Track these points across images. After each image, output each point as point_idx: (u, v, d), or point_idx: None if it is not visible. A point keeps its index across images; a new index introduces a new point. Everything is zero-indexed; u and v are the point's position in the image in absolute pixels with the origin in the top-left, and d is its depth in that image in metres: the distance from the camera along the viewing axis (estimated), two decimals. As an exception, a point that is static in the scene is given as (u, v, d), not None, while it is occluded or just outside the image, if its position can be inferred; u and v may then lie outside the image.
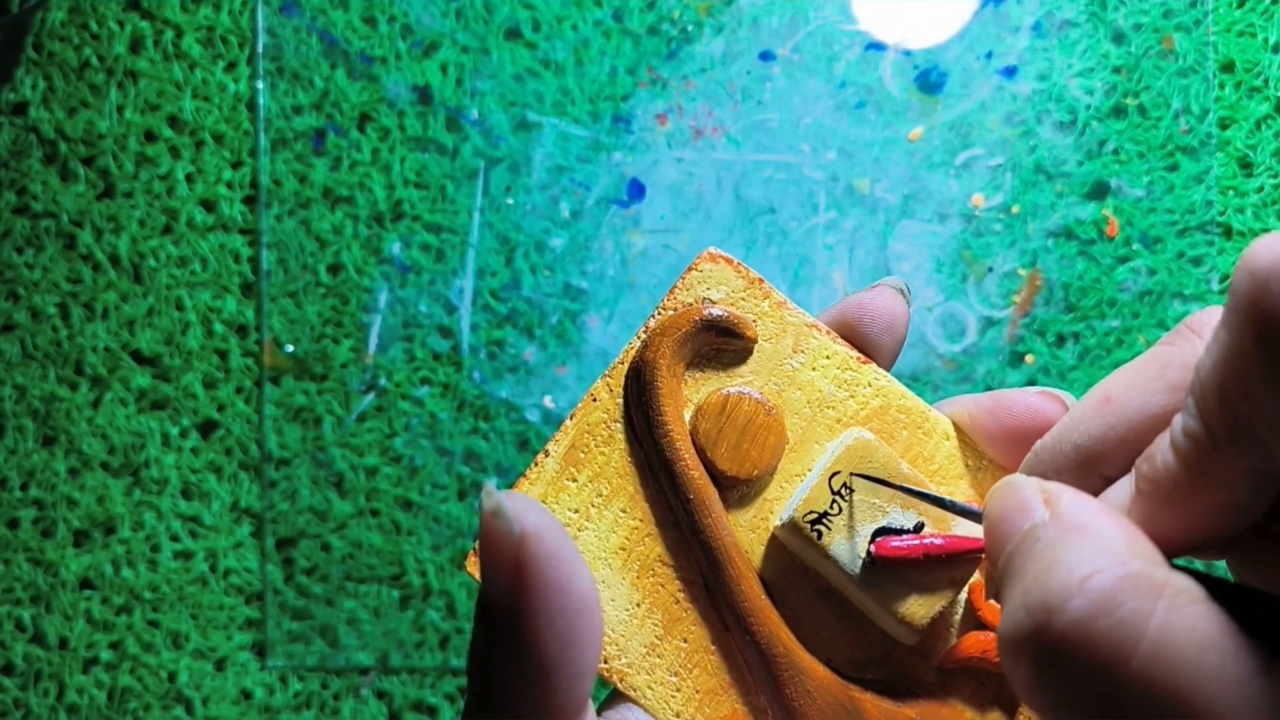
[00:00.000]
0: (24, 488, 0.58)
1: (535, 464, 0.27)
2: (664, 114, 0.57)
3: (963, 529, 0.26)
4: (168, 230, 0.58)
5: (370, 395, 0.57)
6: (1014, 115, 0.57)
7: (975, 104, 0.57)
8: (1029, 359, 0.56)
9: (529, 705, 0.21)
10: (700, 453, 0.26)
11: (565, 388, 0.57)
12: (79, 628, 0.57)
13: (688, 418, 0.27)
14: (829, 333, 0.27)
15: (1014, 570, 0.19)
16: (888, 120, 0.57)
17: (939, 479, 0.27)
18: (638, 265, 0.57)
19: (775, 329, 0.27)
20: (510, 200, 0.57)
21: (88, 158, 0.58)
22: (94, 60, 0.59)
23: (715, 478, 0.26)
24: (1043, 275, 0.56)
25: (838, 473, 0.26)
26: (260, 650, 0.57)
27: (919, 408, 0.27)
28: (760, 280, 0.27)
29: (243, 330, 0.58)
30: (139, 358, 0.58)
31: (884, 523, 0.26)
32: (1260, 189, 0.56)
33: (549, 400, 0.57)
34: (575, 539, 0.26)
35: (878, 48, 0.57)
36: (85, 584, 0.58)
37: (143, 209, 0.58)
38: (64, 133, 0.58)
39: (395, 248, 0.57)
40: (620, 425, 0.27)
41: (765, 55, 0.57)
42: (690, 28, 0.57)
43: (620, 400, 0.27)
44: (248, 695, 0.57)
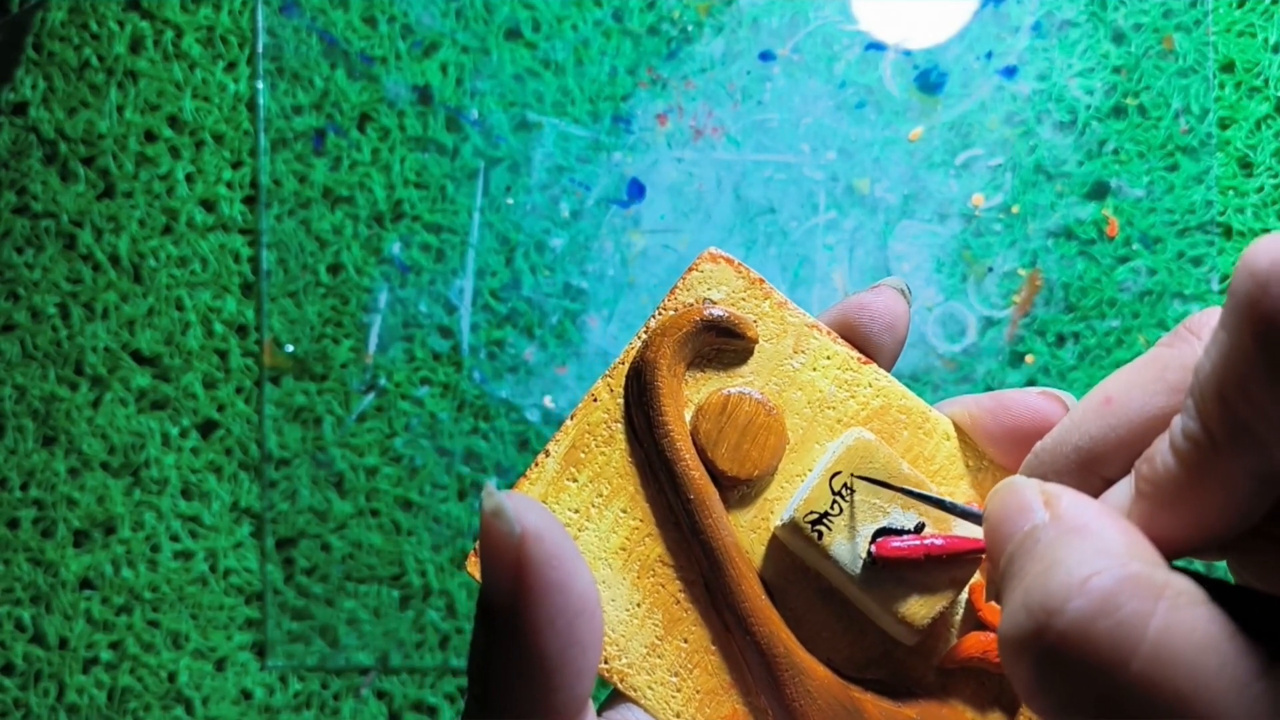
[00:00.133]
0: (24, 488, 0.58)
1: (536, 464, 0.27)
2: (664, 114, 0.57)
3: (963, 529, 0.26)
4: (168, 230, 0.58)
5: (370, 395, 0.57)
6: (1014, 115, 0.57)
7: (975, 104, 0.57)
8: (1029, 359, 0.56)
9: (529, 705, 0.21)
10: (701, 453, 0.26)
11: (565, 388, 0.57)
12: (79, 628, 0.57)
13: (688, 418, 0.27)
14: (830, 333, 0.27)
15: (1014, 571, 0.19)
16: (888, 120, 0.57)
17: (939, 479, 0.27)
18: (638, 265, 0.57)
19: (776, 329, 0.27)
20: (510, 200, 0.57)
21: (88, 158, 0.58)
22: (94, 60, 0.58)
23: (716, 478, 0.26)
24: (1043, 275, 0.56)
25: (838, 473, 0.26)
26: (260, 650, 0.57)
27: (919, 408, 0.27)
28: (761, 280, 0.27)
29: (243, 330, 0.58)
30: (139, 358, 0.58)
31: (885, 523, 0.26)
32: (1260, 189, 0.56)
33: (549, 400, 0.57)
34: (576, 539, 0.26)
35: (878, 48, 0.57)
36: (85, 584, 0.58)
37: (143, 209, 0.58)
38: (64, 133, 0.58)
39: (395, 248, 0.57)
40: (621, 425, 0.27)
41: (765, 55, 0.57)
42: (690, 28, 0.57)
43: (621, 400, 0.27)
44: (248, 695, 0.57)
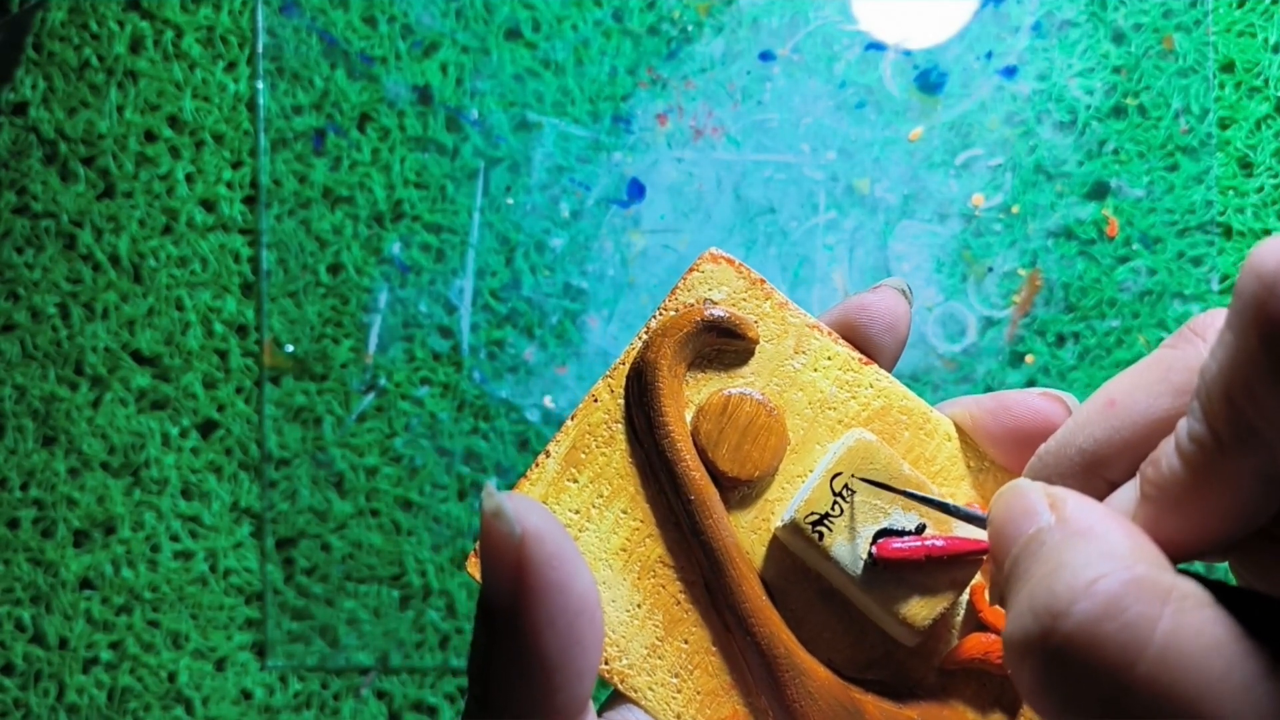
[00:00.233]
0: (24, 488, 0.58)
1: (536, 464, 0.27)
2: (664, 114, 0.57)
3: (964, 530, 0.26)
4: (168, 230, 0.58)
5: (370, 395, 0.57)
6: (1014, 115, 0.57)
7: (975, 104, 0.57)
8: (1029, 359, 0.56)
9: (529, 706, 0.21)
10: (701, 454, 0.26)
11: (565, 388, 0.57)
12: (79, 628, 0.57)
13: (689, 418, 0.27)
14: (830, 334, 0.27)
15: (1019, 574, 0.19)
16: (888, 120, 0.57)
17: (941, 480, 0.27)
18: (638, 265, 0.57)
19: (777, 330, 0.27)
20: (510, 200, 0.57)
21: (88, 158, 0.58)
22: (94, 60, 0.58)
23: (716, 479, 0.26)
24: (1043, 275, 0.56)
25: (839, 474, 0.26)
26: (260, 650, 0.57)
27: (920, 409, 0.27)
28: (762, 281, 0.27)
29: (243, 330, 0.58)
30: (139, 358, 0.58)
31: (885, 524, 0.26)
32: (1260, 189, 0.56)
33: (549, 400, 0.57)
34: (576, 540, 0.26)
35: (878, 48, 0.57)
36: (85, 584, 0.57)
37: (143, 209, 0.58)
38: (64, 133, 0.58)
39: (395, 248, 0.57)
40: (621, 426, 0.27)
41: (765, 55, 0.57)
42: (690, 28, 0.57)
43: (621, 401, 0.27)
44: (248, 695, 0.57)
